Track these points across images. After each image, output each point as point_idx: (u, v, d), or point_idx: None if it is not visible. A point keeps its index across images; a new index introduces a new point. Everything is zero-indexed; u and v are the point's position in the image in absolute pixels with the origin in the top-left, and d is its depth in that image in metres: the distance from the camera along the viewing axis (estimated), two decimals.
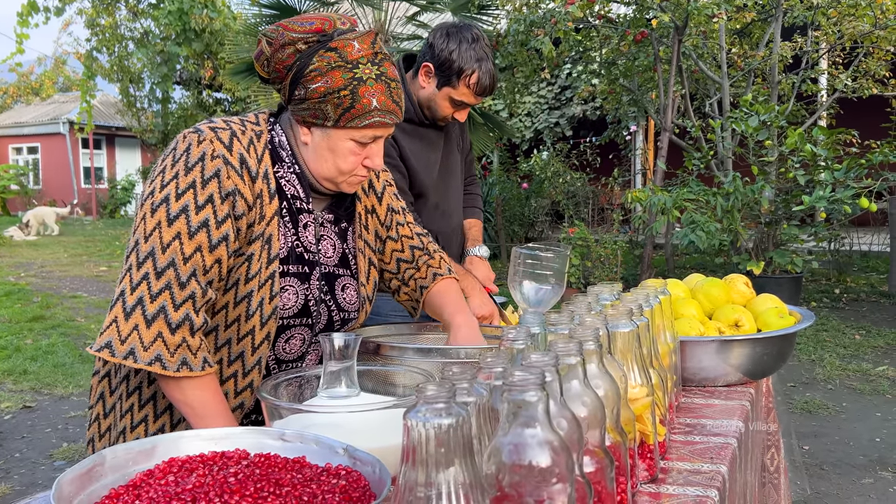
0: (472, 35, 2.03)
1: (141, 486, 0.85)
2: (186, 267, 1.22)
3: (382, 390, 1.27)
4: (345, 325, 1.48)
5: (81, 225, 19.80)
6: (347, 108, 1.27)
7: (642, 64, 8.15)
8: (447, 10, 8.52)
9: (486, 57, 2.04)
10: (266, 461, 0.93)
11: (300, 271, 1.37)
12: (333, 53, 1.27)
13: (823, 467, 3.57)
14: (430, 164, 2.24)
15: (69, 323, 7.06)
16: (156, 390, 1.36)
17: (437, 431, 0.63)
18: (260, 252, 1.31)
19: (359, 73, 1.27)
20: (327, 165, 1.33)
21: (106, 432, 1.42)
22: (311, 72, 1.27)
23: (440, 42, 2.04)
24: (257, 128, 1.35)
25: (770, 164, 6.57)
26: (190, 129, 1.29)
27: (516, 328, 0.94)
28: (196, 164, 1.25)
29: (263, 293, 1.31)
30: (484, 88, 2.06)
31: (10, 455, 3.83)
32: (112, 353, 1.19)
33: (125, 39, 15.95)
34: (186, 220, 1.23)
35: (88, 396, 1.47)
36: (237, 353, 1.34)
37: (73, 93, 25.55)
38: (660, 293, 1.39)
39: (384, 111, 1.30)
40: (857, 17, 7.61)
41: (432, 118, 2.19)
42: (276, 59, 1.29)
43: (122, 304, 1.21)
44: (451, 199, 2.33)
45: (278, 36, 1.29)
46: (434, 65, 2.06)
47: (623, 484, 0.97)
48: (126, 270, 1.23)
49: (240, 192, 1.27)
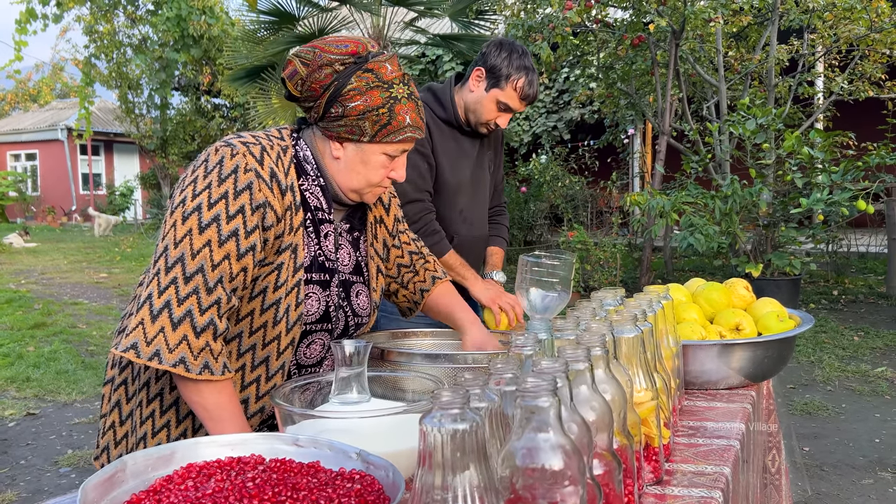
0: (522, 49, 2.26)
1: (161, 491, 0.88)
2: (214, 273, 1.26)
3: (392, 395, 1.30)
4: (358, 330, 1.54)
5: (80, 231, 19.80)
6: (385, 124, 1.36)
7: (640, 68, 8.19)
8: (445, 15, 8.55)
9: (533, 69, 2.25)
10: (282, 466, 0.95)
11: (322, 279, 1.42)
12: (371, 74, 1.35)
13: (824, 468, 3.59)
14: (458, 167, 2.36)
15: (71, 330, 7.06)
16: (178, 396, 1.39)
17: (452, 436, 0.65)
18: (288, 261, 1.37)
19: (394, 92, 1.36)
20: (358, 178, 1.42)
21: (122, 440, 1.44)
22: (350, 91, 1.34)
23: (494, 50, 2.25)
24: (283, 143, 1.41)
25: (768, 167, 6.61)
26: (221, 143, 1.34)
27: (524, 335, 0.96)
28: (229, 175, 1.30)
29: (290, 300, 1.37)
30: (528, 95, 2.25)
31: (15, 462, 3.85)
32: (138, 354, 1.23)
33: (123, 46, 15.98)
34: (217, 229, 1.27)
35: (100, 405, 1.49)
36: (262, 359, 1.38)
37: (72, 99, 25.58)
38: (662, 298, 1.42)
39: (415, 127, 1.40)
40: (852, 20, 7.65)
41: (475, 123, 2.33)
42: (313, 78, 1.36)
43: (150, 307, 1.24)
44: (476, 209, 2.45)
45: (315, 57, 1.35)
46: (486, 69, 2.25)
47: (630, 486, 0.99)
48: (154, 275, 1.27)
49: (270, 205, 1.32)
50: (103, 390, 1.49)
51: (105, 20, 15.46)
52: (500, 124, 2.34)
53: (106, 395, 1.47)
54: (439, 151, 2.30)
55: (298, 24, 7.40)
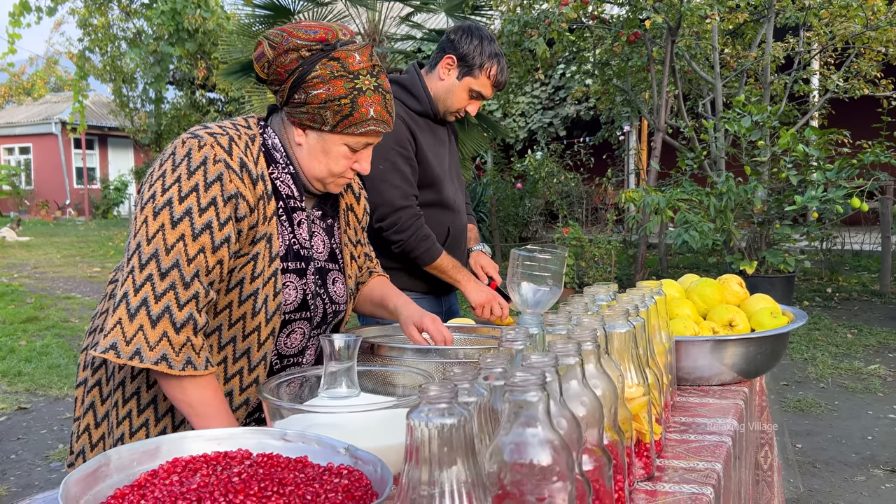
0: (490, 35, 2.24)
1: (146, 485, 0.86)
2: (190, 268, 1.24)
3: (382, 390, 1.29)
4: (336, 318, 1.52)
5: (74, 225, 19.73)
6: (346, 115, 1.33)
7: (636, 64, 8.18)
8: (441, 10, 8.52)
9: (502, 55, 2.25)
10: (269, 461, 0.94)
11: (298, 267, 1.41)
12: (336, 63, 1.32)
13: (816, 465, 3.60)
14: (441, 159, 2.34)
15: (63, 324, 7.04)
16: (156, 394, 1.36)
17: (439, 431, 0.64)
18: (263, 251, 1.35)
19: (359, 83, 1.33)
20: (319, 167, 1.39)
21: (99, 442, 1.42)
22: (314, 78, 1.31)
23: (463, 37, 2.22)
24: (250, 132, 1.38)
25: (762, 165, 6.61)
26: (188, 135, 1.31)
27: (515, 329, 0.95)
28: (198, 168, 1.27)
29: (268, 290, 1.35)
30: (500, 82, 2.24)
31: (5, 456, 3.83)
32: (118, 354, 1.20)
33: (118, 39, 15.90)
34: (190, 223, 1.25)
35: (73, 408, 1.46)
36: (242, 350, 1.36)
37: (66, 93, 25.45)
38: (655, 294, 1.41)
39: (379, 121, 1.36)
40: (848, 18, 7.66)
41: (444, 111, 2.31)
42: (279, 62, 1.33)
43: (126, 306, 1.22)
44: (459, 198, 2.44)
45: (282, 41, 1.33)
46: (457, 57, 2.22)
47: (620, 482, 0.98)
48: (128, 273, 1.24)
49: (241, 195, 1.30)
50: (76, 393, 1.46)
51: (99, 13, 15.37)
52: (469, 112, 2.32)
53: (79, 398, 1.44)
54: (424, 150, 2.26)
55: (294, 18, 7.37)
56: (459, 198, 2.43)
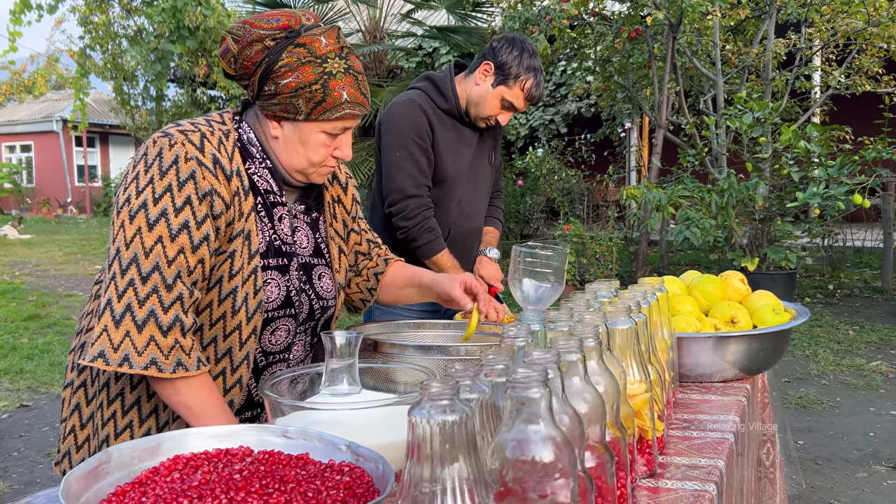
0: (532, 49, 2.25)
1: (147, 483, 0.86)
2: (171, 269, 1.23)
3: (383, 387, 1.28)
4: (325, 313, 1.50)
5: (75, 223, 19.74)
6: (319, 101, 1.30)
7: (637, 61, 8.16)
8: (442, 7, 8.50)
9: (541, 70, 2.25)
10: (270, 458, 0.94)
11: (280, 264, 1.39)
12: (302, 49, 1.29)
13: (818, 462, 3.59)
14: (459, 158, 2.35)
15: (65, 321, 7.04)
16: (139, 395, 1.35)
17: (441, 428, 0.64)
18: (241, 248, 1.32)
19: (328, 67, 1.30)
20: (299, 158, 1.36)
21: (84, 443, 1.41)
22: (281, 67, 1.29)
23: (505, 46, 2.24)
24: (224, 127, 1.36)
25: (764, 161, 6.60)
26: (159, 133, 1.29)
27: (517, 325, 0.95)
28: (171, 167, 1.25)
29: (248, 288, 1.32)
30: (533, 97, 2.26)
31: (7, 454, 3.83)
32: (106, 361, 1.20)
33: (119, 37, 15.87)
34: (167, 224, 1.23)
35: (60, 410, 1.46)
36: (224, 350, 1.34)
37: (67, 91, 25.44)
38: (657, 290, 1.41)
39: (353, 103, 1.33)
40: (850, 14, 7.64)
41: (475, 116, 2.32)
42: (244, 55, 1.31)
43: (111, 313, 1.21)
44: (476, 202, 2.44)
45: (245, 33, 1.30)
46: (495, 64, 2.24)
47: (623, 479, 0.98)
48: (110, 279, 1.23)
49: (216, 192, 1.28)
50: (63, 394, 1.45)
51: (100, 11, 15.34)
52: (500, 121, 2.34)
53: (66, 399, 1.44)
54: (440, 143, 2.28)
55: None
56: (476, 201, 2.43)
